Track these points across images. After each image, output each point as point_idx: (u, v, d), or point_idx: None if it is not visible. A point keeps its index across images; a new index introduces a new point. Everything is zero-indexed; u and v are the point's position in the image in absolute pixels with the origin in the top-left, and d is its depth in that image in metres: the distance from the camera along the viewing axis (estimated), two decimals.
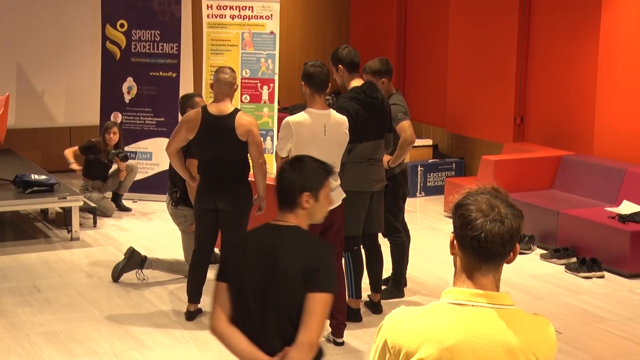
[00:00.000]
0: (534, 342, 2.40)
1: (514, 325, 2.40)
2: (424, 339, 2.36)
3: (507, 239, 2.39)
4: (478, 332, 2.37)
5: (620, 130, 8.84)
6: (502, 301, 2.45)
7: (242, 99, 9.73)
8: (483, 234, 2.37)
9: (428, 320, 2.40)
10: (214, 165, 6.29)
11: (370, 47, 11.88)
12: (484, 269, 2.44)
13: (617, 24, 8.81)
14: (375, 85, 6.42)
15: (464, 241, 2.41)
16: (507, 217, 2.39)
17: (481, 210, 2.39)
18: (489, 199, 2.42)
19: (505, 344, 2.37)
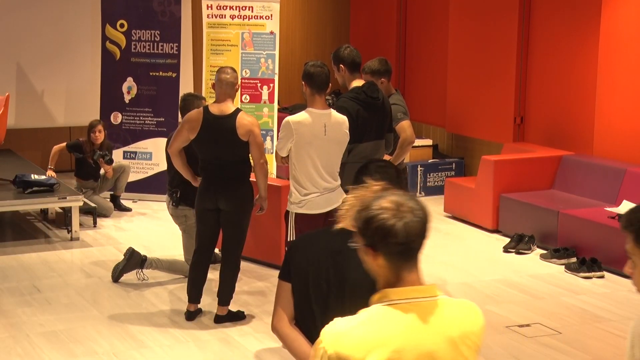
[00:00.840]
0: (469, 328, 2.48)
1: (448, 314, 2.46)
2: (370, 346, 2.35)
3: (424, 229, 2.45)
4: (420, 328, 2.40)
5: (620, 130, 8.84)
6: (432, 293, 2.48)
7: (242, 99, 9.73)
8: (407, 235, 2.39)
9: (369, 326, 2.39)
10: (215, 165, 6.29)
11: (370, 47, 11.88)
12: (410, 267, 2.45)
13: (617, 24, 8.81)
14: (376, 86, 6.42)
15: (390, 250, 2.41)
16: (415, 208, 2.43)
17: (393, 215, 2.40)
18: (391, 199, 2.43)
19: (446, 333, 2.43)
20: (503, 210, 8.98)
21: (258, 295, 7.15)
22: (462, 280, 7.63)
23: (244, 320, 6.57)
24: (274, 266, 7.65)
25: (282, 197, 7.36)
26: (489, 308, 6.92)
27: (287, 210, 5.91)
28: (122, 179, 9.75)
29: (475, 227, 9.25)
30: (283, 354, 6.01)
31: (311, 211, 5.84)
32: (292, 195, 5.87)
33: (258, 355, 5.99)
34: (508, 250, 8.44)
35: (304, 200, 5.83)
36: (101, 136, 9.47)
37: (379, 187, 2.53)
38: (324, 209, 5.87)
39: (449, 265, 8.02)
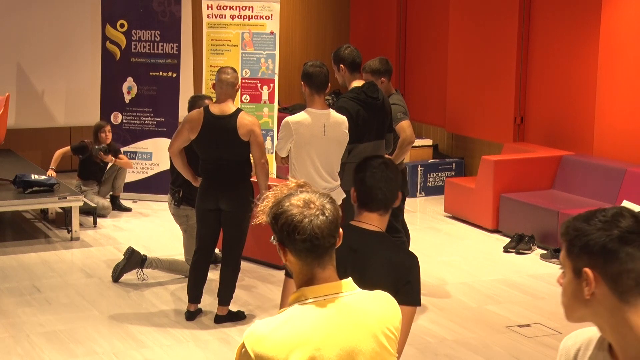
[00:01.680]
0: (386, 318, 2.51)
1: (365, 308, 2.48)
2: (291, 346, 2.37)
3: (334, 228, 2.45)
4: (339, 323, 2.43)
5: (620, 130, 8.84)
6: (348, 288, 2.50)
7: (242, 99, 9.73)
8: (312, 232, 2.41)
9: (290, 326, 2.40)
10: (216, 165, 6.29)
11: (370, 47, 11.88)
12: (322, 264, 2.47)
13: (617, 24, 8.81)
14: (376, 86, 6.42)
15: (297, 246, 2.44)
16: (326, 207, 2.45)
17: (301, 211, 2.43)
18: (302, 196, 2.46)
19: (365, 327, 2.46)
20: (503, 210, 8.99)
21: (258, 295, 7.15)
22: (462, 280, 7.63)
23: (244, 320, 6.57)
24: (274, 266, 7.65)
25: None
26: (489, 308, 6.92)
27: None
28: (119, 179, 9.76)
29: (475, 227, 9.25)
30: None
31: None
32: None
33: None
34: (508, 250, 8.44)
35: None
36: (110, 136, 9.53)
37: (295, 185, 2.54)
38: None
39: (449, 265, 8.02)
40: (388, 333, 2.50)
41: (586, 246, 2.05)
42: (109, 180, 9.72)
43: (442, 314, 6.77)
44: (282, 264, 3.42)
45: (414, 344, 6.13)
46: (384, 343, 2.48)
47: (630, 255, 2.00)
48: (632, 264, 2.00)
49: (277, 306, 6.87)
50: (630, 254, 2.00)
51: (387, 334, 2.50)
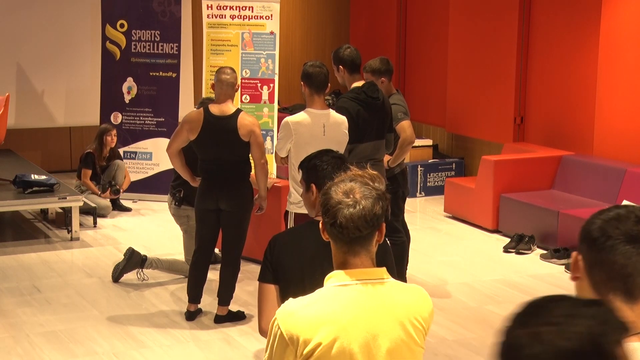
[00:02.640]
0: (416, 309, 2.57)
1: (396, 296, 2.57)
2: (319, 324, 2.48)
3: (361, 223, 2.52)
4: (367, 307, 2.52)
5: (620, 130, 8.84)
6: (380, 275, 2.59)
7: (242, 99, 9.72)
8: (338, 220, 2.53)
9: (319, 305, 2.52)
10: (216, 165, 6.29)
11: (370, 47, 11.88)
12: (353, 251, 2.57)
13: (617, 24, 8.81)
14: (376, 86, 6.42)
15: (327, 228, 2.58)
16: (360, 202, 2.53)
17: (339, 198, 2.54)
18: (348, 185, 2.56)
19: (393, 314, 2.54)
20: (503, 210, 8.98)
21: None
22: (462, 280, 7.63)
23: (244, 320, 6.57)
24: None
25: (282, 197, 7.36)
26: (489, 308, 6.92)
27: (287, 210, 5.91)
28: (119, 176, 9.76)
29: (475, 227, 9.25)
30: None
31: None
32: (291, 196, 5.87)
33: (258, 355, 5.99)
34: (508, 250, 8.44)
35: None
36: (115, 140, 9.57)
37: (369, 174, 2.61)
38: None
39: (449, 265, 8.02)
40: (416, 323, 2.56)
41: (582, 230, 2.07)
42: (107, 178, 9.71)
43: (442, 314, 6.77)
44: None
45: None
46: (411, 332, 2.55)
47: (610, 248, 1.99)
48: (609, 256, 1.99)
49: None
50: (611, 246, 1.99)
51: (414, 324, 2.56)
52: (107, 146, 9.59)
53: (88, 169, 9.47)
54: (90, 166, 9.47)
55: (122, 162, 9.88)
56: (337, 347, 2.48)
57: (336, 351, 2.48)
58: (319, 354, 2.48)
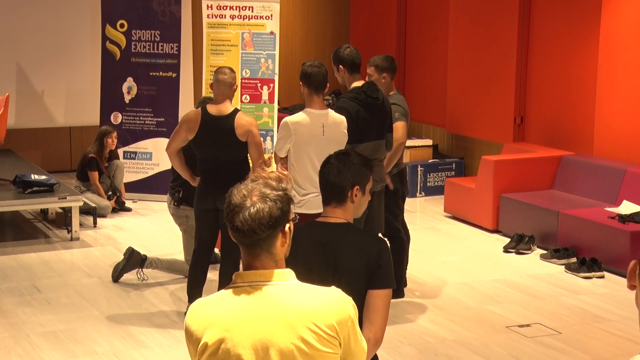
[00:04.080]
0: (315, 313, 2.48)
1: (291, 299, 2.49)
2: (207, 324, 2.49)
3: (256, 225, 2.50)
4: (254, 310, 2.47)
5: (620, 130, 8.84)
6: (280, 278, 2.53)
7: (242, 99, 9.73)
8: (235, 223, 2.53)
9: (212, 306, 2.53)
10: (214, 165, 6.29)
11: (370, 47, 11.88)
12: (254, 254, 2.55)
13: (617, 24, 8.81)
14: (376, 86, 6.42)
15: (233, 234, 2.57)
16: (255, 204, 2.50)
17: (238, 201, 2.53)
18: (249, 187, 2.53)
19: (282, 317, 2.46)
20: (503, 210, 8.98)
21: None
22: (462, 280, 7.63)
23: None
24: None
25: None
26: (489, 308, 6.92)
27: None
28: (117, 177, 9.77)
29: (475, 227, 9.25)
30: None
31: (310, 211, 5.83)
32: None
33: None
34: (508, 250, 8.43)
35: (302, 200, 5.83)
36: (115, 142, 9.59)
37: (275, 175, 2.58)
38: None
39: (449, 265, 8.02)
40: (314, 328, 2.46)
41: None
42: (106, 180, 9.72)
43: (442, 314, 6.77)
44: None
45: (414, 344, 6.13)
46: (305, 337, 2.45)
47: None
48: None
49: None
50: None
51: (313, 330, 2.46)
52: (108, 148, 9.61)
53: (94, 171, 9.49)
54: (95, 168, 9.49)
55: (122, 162, 9.89)
56: (222, 349, 2.46)
57: (221, 353, 2.46)
58: (207, 354, 2.48)
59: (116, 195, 9.65)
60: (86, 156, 9.54)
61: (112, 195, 9.63)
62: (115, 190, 9.68)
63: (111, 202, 9.56)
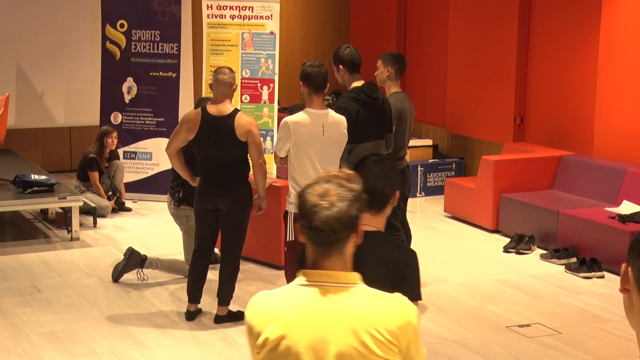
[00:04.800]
0: (377, 318, 2.47)
1: (356, 303, 2.49)
2: (270, 319, 2.51)
3: (337, 225, 2.48)
4: (317, 309, 2.47)
5: (620, 130, 8.84)
6: (347, 280, 2.53)
7: (242, 99, 9.73)
8: (314, 223, 2.48)
9: (275, 301, 2.54)
10: (214, 165, 6.29)
11: (370, 47, 11.88)
12: (325, 254, 2.52)
13: (617, 24, 8.81)
14: (376, 86, 6.42)
15: (304, 231, 2.53)
16: (336, 204, 2.49)
17: (315, 201, 2.50)
18: (324, 187, 2.52)
19: (344, 319, 2.46)
20: (503, 210, 8.98)
21: None
22: (462, 280, 7.63)
23: (244, 321, 6.55)
24: (274, 266, 7.65)
25: (281, 197, 7.36)
26: (489, 308, 6.92)
27: (286, 210, 5.91)
28: (118, 177, 9.77)
29: (475, 227, 9.25)
30: None
31: None
32: (290, 196, 5.87)
33: None
34: (508, 250, 8.43)
35: None
36: (115, 142, 9.60)
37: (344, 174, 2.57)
38: None
39: (449, 265, 8.02)
40: (374, 333, 2.46)
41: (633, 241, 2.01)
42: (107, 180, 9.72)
43: (442, 314, 6.77)
44: (282, 264, 3.43)
45: None
46: (366, 341, 2.45)
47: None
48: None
49: None
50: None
51: (373, 334, 2.46)
52: (108, 148, 9.61)
53: (94, 171, 9.49)
54: (96, 168, 9.49)
55: (122, 163, 9.89)
56: (283, 345, 2.47)
57: (282, 349, 2.47)
58: (267, 349, 2.50)
59: (116, 195, 9.66)
60: (86, 156, 9.54)
61: (112, 196, 9.64)
62: (115, 191, 9.69)
63: (111, 202, 9.57)
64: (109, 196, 9.61)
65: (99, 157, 9.55)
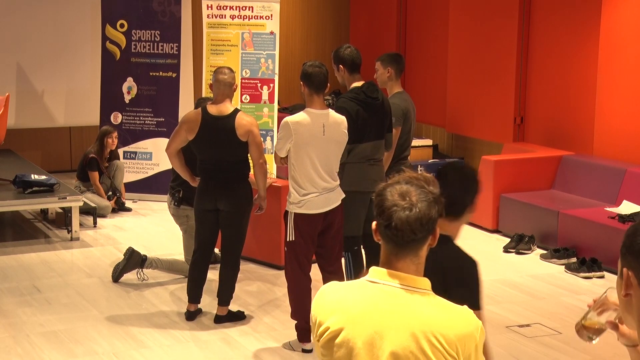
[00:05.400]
0: (438, 326, 2.46)
1: (419, 307, 2.49)
2: (333, 310, 2.53)
3: (417, 226, 2.49)
4: (381, 308, 2.48)
5: (620, 130, 8.84)
6: (416, 284, 2.53)
7: (242, 99, 9.72)
8: (393, 222, 2.48)
9: (341, 294, 2.57)
10: (214, 165, 6.28)
11: (370, 47, 11.88)
12: (400, 255, 2.53)
13: (617, 24, 8.81)
14: (376, 86, 6.42)
15: (380, 229, 2.53)
16: (416, 205, 2.49)
17: (393, 200, 2.51)
18: (404, 187, 2.53)
19: (406, 323, 2.46)
20: (503, 210, 8.98)
21: (258, 295, 7.14)
22: None
23: (244, 320, 6.57)
24: (274, 266, 7.65)
25: (281, 197, 7.36)
26: (489, 308, 6.91)
27: (287, 211, 5.91)
28: (118, 177, 9.77)
29: (475, 227, 9.24)
30: (283, 354, 6.02)
31: (310, 211, 5.84)
32: (291, 196, 5.87)
33: (258, 355, 5.99)
34: (508, 250, 8.43)
35: (303, 200, 5.83)
36: (115, 142, 9.60)
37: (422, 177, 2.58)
38: (323, 209, 5.88)
39: None
40: (433, 340, 2.45)
41: (631, 246, 2.00)
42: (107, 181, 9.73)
43: None
44: (282, 264, 3.43)
45: None
46: (423, 346, 2.44)
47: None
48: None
49: (277, 306, 6.88)
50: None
51: (430, 340, 2.45)
52: (108, 148, 9.61)
53: (94, 171, 9.49)
54: (96, 168, 9.49)
55: (122, 163, 9.89)
56: (341, 337, 2.50)
57: (340, 340, 2.50)
58: (326, 339, 2.52)
59: (116, 195, 9.66)
60: (87, 156, 9.54)
61: (112, 196, 9.64)
62: (115, 191, 9.69)
63: (111, 202, 9.57)
64: (109, 196, 9.61)
65: (99, 157, 9.55)
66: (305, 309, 5.96)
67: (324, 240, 5.99)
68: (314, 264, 6.10)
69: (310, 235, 5.90)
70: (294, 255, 5.92)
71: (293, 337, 6.11)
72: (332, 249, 6.03)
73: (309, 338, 6.02)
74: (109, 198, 9.59)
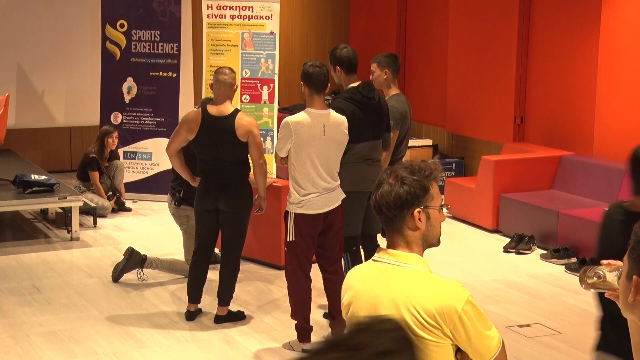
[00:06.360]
0: (418, 298, 2.66)
1: (406, 281, 2.72)
2: (347, 287, 2.86)
3: (385, 203, 2.73)
4: (372, 284, 2.76)
5: (620, 130, 8.84)
6: (406, 261, 2.77)
7: (242, 99, 9.72)
8: (370, 200, 2.82)
9: (355, 272, 2.90)
10: (214, 165, 6.29)
11: (370, 47, 11.88)
12: (389, 232, 2.81)
13: (617, 24, 8.81)
14: (372, 86, 6.42)
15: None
16: (387, 184, 2.73)
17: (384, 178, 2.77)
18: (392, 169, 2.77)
19: (390, 295, 2.70)
20: (503, 210, 8.98)
21: (258, 295, 7.14)
22: (462, 280, 7.57)
23: (244, 320, 6.57)
24: (274, 266, 7.65)
25: (281, 197, 7.36)
26: (489, 308, 6.92)
27: (287, 211, 5.91)
28: (117, 177, 9.77)
29: (475, 227, 9.25)
30: (283, 354, 6.02)
31: (310, 211, 5.84)
32: (291, 196, 5.87)
33: (258, 355, 5.99)
34: (508, 250, 8.44)
35: (303, 200, 5.83)
36: (116, 142, 9.61)
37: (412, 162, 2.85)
38: (323, 209, 5.87)
39: (449, 265, 8.02)
40: (412, 310, 2.64)
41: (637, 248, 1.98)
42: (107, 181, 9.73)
43: None
44: (282, 264, 3.49)
45: None
46: (405, 318, 2.63)
47: None
48: None
49: (277, 306, 6.88)
50: None
51: (410, 311, 2.64)
52: (108, 148, 9.61)
53: (95, 171, 9.49)
54: (96, 168, 9.49)
55: (122, 163, 9.89)
56: (351, 311, 2.80)
57: (350, 314, 2.81)
58: (344, 311, 2.85)
59: (116, 195, 9.66)
60: (87, 156, 9.55)
61: (112, 196, 9.64)
62: (115, 191, 9.70)
63: (111, 202, 9.57)
64: (109, 196, 9.62)
65: (100, 157, 9.55)
66: (305, 309, 5.96)
67: (324, 241, 5.99)
68: (314, 264, 6.11)
69: (311, 235, 5.90)
70: (294, 255, 5.92)
71: (293, 337, 6.11)
72: (332, 249, 6.03)
73: (309, 338, 6.02)
74: (109, 198, 9.59)
